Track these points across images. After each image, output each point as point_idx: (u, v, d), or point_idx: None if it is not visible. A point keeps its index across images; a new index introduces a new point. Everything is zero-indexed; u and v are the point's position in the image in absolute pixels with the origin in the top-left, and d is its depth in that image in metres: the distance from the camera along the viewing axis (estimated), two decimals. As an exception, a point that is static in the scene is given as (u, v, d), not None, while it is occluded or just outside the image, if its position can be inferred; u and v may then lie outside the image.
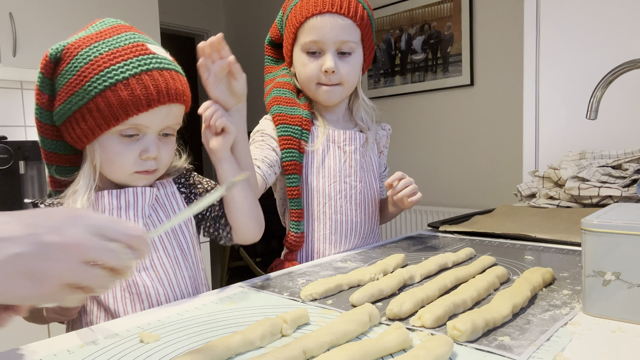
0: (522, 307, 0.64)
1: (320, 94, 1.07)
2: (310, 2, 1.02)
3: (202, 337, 0.59)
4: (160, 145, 0.79)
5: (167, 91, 0.75)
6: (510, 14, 2.52)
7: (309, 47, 1.04)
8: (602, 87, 1.18)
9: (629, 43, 1.54)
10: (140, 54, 0.75)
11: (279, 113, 1.07)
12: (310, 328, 0.61)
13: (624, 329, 0.57)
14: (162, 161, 0.81)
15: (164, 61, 0.78)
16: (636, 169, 1.34)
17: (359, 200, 1.11)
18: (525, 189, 1.56)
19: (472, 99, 2.75)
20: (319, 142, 1.08)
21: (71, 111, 0.75)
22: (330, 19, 1.01)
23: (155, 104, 0.74)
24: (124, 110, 0.73)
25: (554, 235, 1.06)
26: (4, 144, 1.86)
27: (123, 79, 0.73)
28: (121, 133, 0.76)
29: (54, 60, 0.77)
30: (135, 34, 0.79)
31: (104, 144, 0.77)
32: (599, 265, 0.60)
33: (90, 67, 0.73)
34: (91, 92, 0.73)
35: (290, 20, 1.06)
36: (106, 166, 0.78)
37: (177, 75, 0.79)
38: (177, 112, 0.80)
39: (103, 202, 0.79)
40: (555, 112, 1.72)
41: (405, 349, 0.53)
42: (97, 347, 0.57)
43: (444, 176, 2.87)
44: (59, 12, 2.07)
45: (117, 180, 0.81)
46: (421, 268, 0.82)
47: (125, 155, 0.77)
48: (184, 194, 0.88)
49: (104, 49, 0.74)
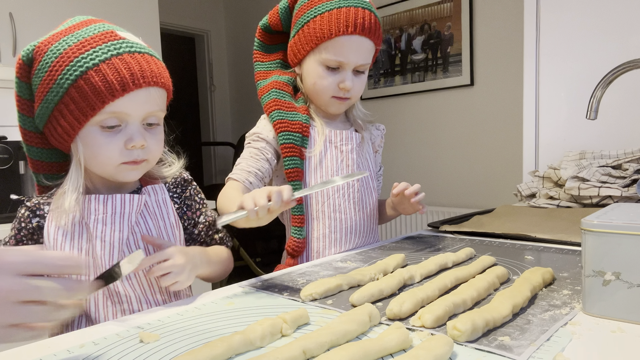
0: (522, 307, 0.64)
1: (331, 105, 1.10)
2: (340, 21, 1.02)
3: (202, 337, 0.59)
4: (146, 135, 0.77)
5: (141, 74, 0.73)
6: (510, 14, 2.52)
7: (330, 63, 1.05)
8: (602, 87, 1.18)
9: (629, 43, 1.54)
10: (109, 40, 0.73)
11: (280, 120, 1.07)
12: (310, 328, 0.61)
13: (624, 329, 0.57)
14: (150, 151, 0.78)
15: (136, 45, 0.76)
16: (636, 169, 1.34)
17: (357, 199, 1.11)
18: (525, 189, 1.56)
19: (472, 99, 2.75)
20: (318, 147, 1.09)
21: (49, 110, 0.74)
22: (357, 40, 1.03)
23: (130, 88, 0.72)
24: (98, 98, 0.71)
25: (554, 235, 1.06)
26: (4, 144, 1.86)
27: (93, 66, 0.71)
28: (102, 125, 0.73)
29: (27, 61, 0.75)
30: (105, 24, 0.77)
31: (86, 139, 0.74)
32: (599, 265, 0.60)
33: (61, 59, 0.71)
34: (64, 85, 0.71)
35: (313, 29, 1.04)
36: (91, 161, 0.76)
37: (151, 59, 0.76)
38: (157, 96, 0.77)
39: (90, 207, 0.77)
40: (555, 112, 1.72)
41: (405, 349, 0.53)
42: (97, 347, 0.57)
43: (444, 176, 2.87)
44: (59, 12, 2.07)
45: (105, 175, 0.78)
46: (421, 268, 0.82)
47: (108, 147, 0.74)
48: (177, 205, 0.86)
49: (73, 41, 0.73)
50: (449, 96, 2.84)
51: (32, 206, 0.80)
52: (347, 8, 1.02)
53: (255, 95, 1.18)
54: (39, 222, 0.79)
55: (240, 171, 1.03)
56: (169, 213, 0.84)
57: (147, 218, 0.81)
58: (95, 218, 0.77)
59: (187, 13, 3.97)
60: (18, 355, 0.56)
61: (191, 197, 0.89)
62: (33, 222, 0.78)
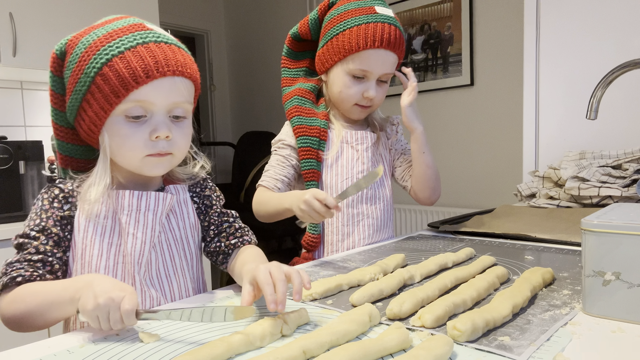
0: (522, 307, 0.64)
1: (354, 112, 1.17)
2: (368, 36, 1.08)
3: (202, 337, 0.59)
4: (172, 127, 0.75)
5: (166, 62, 0.72)
6: (510, 14, 2.52)
7: (356, 73, 1.11)
8: (602, 87, 1.18)
9: (629, 43, 1.54)
10: (136, 30, 0.73)
11: (299, 125, 1.15)
12: (310, 328, 0.61)
13: (624, 329, 0.57)
14: (176, 144, 0.77)
15: (163, 36, 0.76)
16: (636, 169, 1.34)
17: (369, 195, 1.17)
18: (525, 189, 1.56)
19: (472, 99, 2.75)
20: (335, 148, 1.15)
21: (78, 101, 0.74)
22: (383, 53, 1.10)
23: (154, 75, 0.71)
24: (123, 85, 0.70)
25: (554, 235, 1.06)
26: (4, 144, 1.86)
27: (119, 53, 0.71)
28: (127, 114, 0.73)
29: (60, 55, 0.76)
30: (136, 18, 0.77)
31: (111, 129, 0.74)
32: (599, 265, 0.60)
33: (89, 49, 0.72)
34: (90, 74, 0.71)
35: (342, 42, 1.10)
36: (116, 152, 0.75)
37: (178, 50, 0.76)
38: (183, 87, 0.76)
39: (123, 203, 0.76)
40: (555, 112, 1.72)
41: (405, 349, 0.53)
42: (97, 347, 0.57)
43: (444, 176, 2.85)
44: (59, 12, 2.07)
45: (130, 168, 0.77)
46: (421, 268, 0.82)
47: (133, 138, 0.73)
48: (196, 204, 0.86)
49: (102, 32, 0.73)
50: (449, 96, 2.84)
51: (67, 192, 0.78)
52: (375, 23, 1.09)
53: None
54: (70, 211, 0.76)
55: (269, 179, 1.13)
56: (189, 213, 0.84)
57: (170, 217, 0.82)
58: (128, 213, 0.77)
59: (187, 13, 3.97)
60: (18, 355, 0.56)
61: (210, 197, 0.88)
62: (65, 209, 0.76)
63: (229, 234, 0.86)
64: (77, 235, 0.75)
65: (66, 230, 0.76)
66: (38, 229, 0.73)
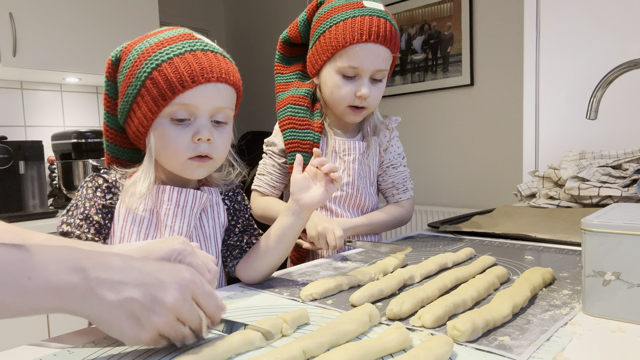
0: (522, 307, 0.64)
1: (347, 115, 1.11)
2: (355, 29, 1.03)
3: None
4: (213, 131, 0.79)
5: (210, 69, 0.76)
6: (510, 14, 2.52)
7: (346, 71, 1.06)
8: (602, 87, 1.18)
9: (629, 43, 1.54)
10: (185, 39, 0.78)
11: (291, 140, 1.12)
12: (310, 328, 0.61)
13: (624, 329, 0.57)
14: (216, 148, 0.80)
15: (209, 45, 0.80)
16: (636, 169, 1.34)
17: (354, 205, 1.16)
18: (525, 189, 1.56)
19: (472, 99, 2.75)
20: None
21: (129, 104, 0.78)
22: (373, 48, 1.04)
23: (199, 81, 0.75)
24: (170, 89, 0.75)
25: (554, 235, 1.06)
26: (4, 144, 1.86)
27: (168, 59, 0.75)
28: (172, 117, 0.77)
29: (115, 61, 0.81)
30: (186, 29, 0.82)
31: (157, 130, 0.78)
32: (599, 265, 0.60)
33: (141, 56, 0.77)
34: (141, 78, 0.76)
35: (329, 39, 1.05)
36: (160, 152, 0.79)
37: (222, 58, 0.80)
38: (226, 93, 0.80)
39: (163, 197, 0.80)
40: (555, 112, 1.72)
41: (405, 349, 0.53)
42: (97, 347, 0.57)
43: (444, 176, 2.87)
44: (59, 12, 2.07)
45: (172, 169, 0.81)
46: (421, 268, 0.82)
47: (177, 139, 0.77)
48: (227, 206, 0.89)
49: (154, 40, 0.78)
50: (449, 96, 2.84)
51: (110, 183, 0.81)
52: (362, 17, 1.03)
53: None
54: (112, 201, 0.80)
55: (267, 185, 1.15)
56: (219, 212, 0.88)
57: (202, 215, 0.85)
58: (167, 207, 0.80)
59: (187, 12, 3.97)
60: (18, 355, 0.56)
61: (241, 203, 0.91)
62: (107, 198, 0.80)
63: (251, 234, 0.90)
64: (117, 225, 0.79)
65: (107, 219, 0.79)
66: (82, 217, 0.77)
